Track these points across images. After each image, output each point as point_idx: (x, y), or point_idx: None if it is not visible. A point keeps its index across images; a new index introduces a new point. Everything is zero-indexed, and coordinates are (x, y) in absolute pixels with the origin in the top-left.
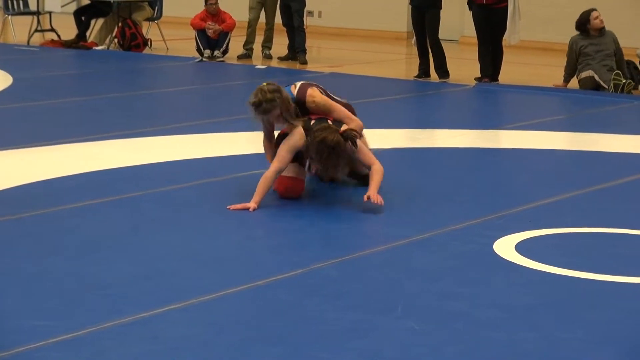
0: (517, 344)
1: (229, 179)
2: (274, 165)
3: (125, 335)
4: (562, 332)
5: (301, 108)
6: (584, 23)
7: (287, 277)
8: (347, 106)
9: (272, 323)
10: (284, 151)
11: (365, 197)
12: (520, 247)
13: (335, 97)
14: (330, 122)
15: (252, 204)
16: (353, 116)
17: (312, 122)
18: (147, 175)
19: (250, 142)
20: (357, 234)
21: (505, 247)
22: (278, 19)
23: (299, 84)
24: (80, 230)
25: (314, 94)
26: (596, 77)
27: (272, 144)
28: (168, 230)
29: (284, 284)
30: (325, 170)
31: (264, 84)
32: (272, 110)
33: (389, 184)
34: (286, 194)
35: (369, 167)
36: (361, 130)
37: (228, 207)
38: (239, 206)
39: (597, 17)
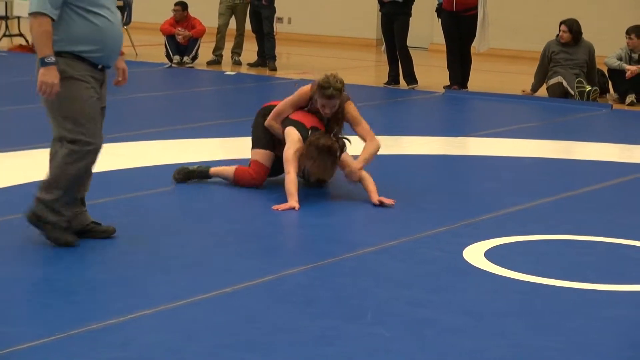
0: (487, 351)
1: (198, 185)
2: (291, 169)
3: (94, 342)
4: (531, 339)
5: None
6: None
7: (257, 284)
8: None
9: (243, 330)
10: (292, 155)
11: (377, 202)
12: (490, 254)
13: None
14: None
15: (295, 204)
16: (373, 135)
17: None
18: (115, 182)
19: (219, 148)
20: (327, 240)
21: (475, 254)
22: (248, 25)
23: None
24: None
25: (351, 105)
26: (564, 84)
27: (280, 118)
28: (136, 236)
29: (254, 291)
30: (320, 171)
31: (336, 73)
32: (334, 98)
33: (358, 190)
34: (255, 180)
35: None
36: (377, 150)
37: (273, 207)
38: (285, 206)
39: (560, 30)
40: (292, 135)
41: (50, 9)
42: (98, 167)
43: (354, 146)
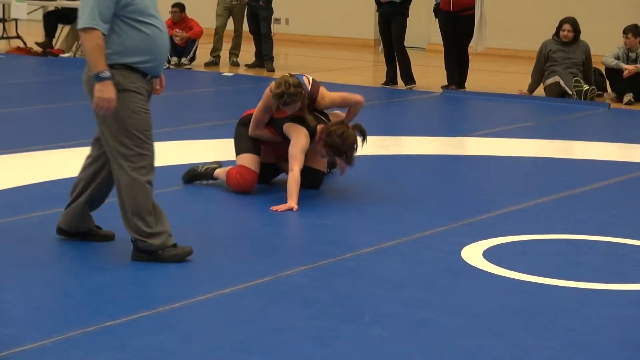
0: (485, 351)
1: (195, 187)
2: (296, 167)
3: (91, 344)
4: (529, 339)
5: (309, 102)
6: (558, 28)
7: (254, 285)
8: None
9: (240, 331)
10: (298, 152)
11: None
12: (488, 254)
13: None
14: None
15: (294, 205)
16: (354, 95)
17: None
18: None
19: (217, 150)
20: (324, 241)
21: (473, 254)
22: (246, 26)
23: (310, 78)
24: (43, 239)
25: (324, 95)
26: (562, 83)
27: (262, 124)
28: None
29: (251, 292)
30: (347, 161)
31: (288, 75)
32: (292, 104)
33: (356, 190)
34: (243, 185)
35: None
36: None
37: (272, 208)
38: (283, 207)
39: (565, 30)
40: (298, 130)
41: (100, 23)
42: None
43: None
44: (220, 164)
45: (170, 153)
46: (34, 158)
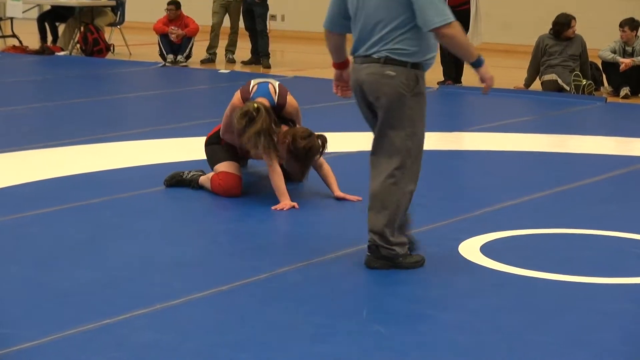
0: (483, 346)
1: None
2: (274, 163)
3: (88, 343)
4: (527, 334)
5: (276, 111)
6: (561, 26)
7: (250, 282)
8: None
9: (237, 329)
10: (271, 158)
11: (341, 197)
12: (486, 249)
13: None
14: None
15: (288, 202)
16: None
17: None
18: (108, 182)
19: None
20: (320, 238)
21: (471, 249)
22: (242, 23)
23: (277, 85)
24: (39, 238)
25: (293, 102)
26: (559, 81)
27: (231, 128)
28: (129, 237)
29: (248, 289)
30: (303, 171)
31: (254, 106)
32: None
33: (353, 187)
34: (227, 190)
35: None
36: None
37: (273, 208)
38: (280, 206)
39: (573, 26)
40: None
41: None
42: (92, 167)
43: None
44: (203, 172)
45: (166, 150)
46: (30, 157)
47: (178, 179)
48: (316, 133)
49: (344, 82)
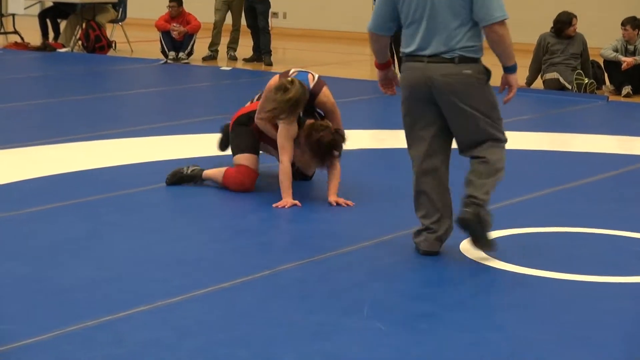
0: (484, 344)
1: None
2: (285, 157)
3: (88, 339)
4: (528, 332)
5: (309, 100)
6: (563, 24)
7: (251, 280)
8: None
9: (238, 326)
10: (285, 141)
11: (333, 202)
12: None
13: None
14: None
15: (290, 200)
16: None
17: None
18: (109, 179)
19: (214, 144)
20: (322, 235)
21: (471, 247)
22: (244, 20)
23: (316, 76)
24: (40, 235)
25: (328, 94)
26: (561, 80)
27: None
28: (130, 233)
29: (250, 286)
30: (321, 164)
31: (291, 80)
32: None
33: (354, 184)
34: (243, 184)
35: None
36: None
37: (274, 205)
38: (281, 204)
39: (574, 24)
40: (293, 125)
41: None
42: (93, 163)
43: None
44: (201, 170)
45: (167, 147)
46: (31, 153)
47: (179, 176)
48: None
49: (388, 81)
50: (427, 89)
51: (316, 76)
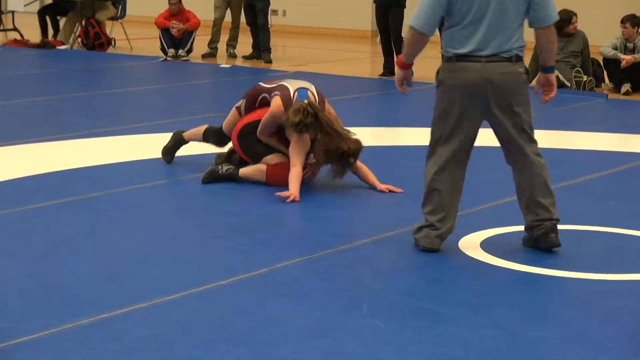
0: (483, 342)
1: (191, 179)
2: (297, 162)
3: (86, 336)
4: (527, 329)
5: None
6: (563, 22)
7: (250, 277)
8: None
9: (236, 323)
10: (299, 150)
11: (385, 189)
12: (486, 245)
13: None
14: None
15: (296, 193)
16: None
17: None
18: (108, 176)
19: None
20: (321, 232)
21: (471, 244)
22: (243, 18)
23: (315, 91)
24: (38, 232)
25: (330, 109)
26: (560, 77)
27: (268, 131)
28: (129, 230)
29: (248, 284)
30: (339, 173)
31: (307, 104)
32: (305, 132)
33: (354, 181)
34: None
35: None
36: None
37: (277, 194)
38: (286, 193)
39: (575, 22)
40: (305, 138)
41: None
42: (92, 161)
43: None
44: (237, 169)
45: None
46: (30, 150)
47: (215, 175)
48: (353, 137)
49: (407, 81)
50: (483, 89)
51: (315, 91)
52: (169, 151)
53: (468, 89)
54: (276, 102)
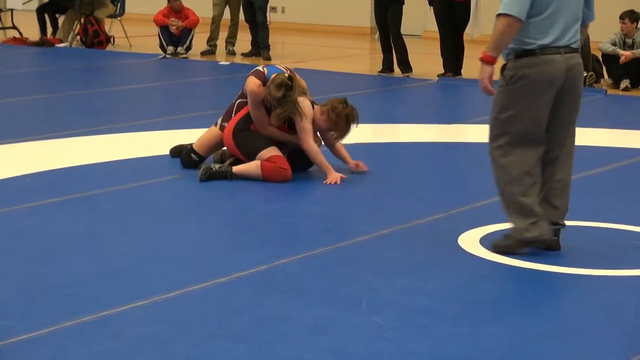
0: (482, 338)
1: (190, 176)
2: (311, 140)
3: (86, 334)
4: (527, 325)
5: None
6: None
7: (250, 274)
8: None
9: (235, 320)
10: (307, 123)
11: (353, 165)
12: (485, 241)
13: None
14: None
15: (338, 174)
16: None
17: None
18: (107, 174)
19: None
20: (320, 230)
21: (470, 240)
22: (242, 15)
23: (284, 65)
24: (38, 230)
25: (301, 80)
26: None
27: (265, 121)
28: (128, 228)
29: (247, 281)
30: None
31: (286, 76)
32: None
33: (354, 178)
34: (285, 168)
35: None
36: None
37: (326, 182)
38: (332, 179)
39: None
40: (301, 102)
41: None
42: (91, 158)
43: None
44: (230, 167)
45: (165, 142)
46: (29, 148)
47: (210, 172)
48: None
49: (492, 78)
50: (562, 80)
51: (284, 65)
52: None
53: (551, 81)
54: (251, 80)
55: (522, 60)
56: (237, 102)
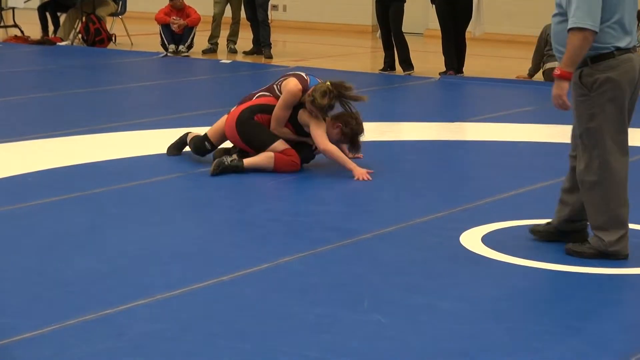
0: (483, 336)
1: (192, 175)
2: (326, 143)
3: (89, 332)
4: (528, 323)
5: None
6: None
7: (252, 272)
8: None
9: (238, 318)
10: (323, 131)
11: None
12: (487, 239)
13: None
14: None
15: (359, 168)
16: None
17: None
18: (109, 172)
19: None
20: (322, 228)
21: (472, 239)
22: (243, 13)
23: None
24: (40, 228)
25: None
26: None
27: (283, 122)
28: (131, 226)
29: (249, 279)
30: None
31: (331, 85)
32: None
33: (352, 178)
34: (296, 161)
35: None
36: None
37: (355, 178)
38: (360, 174)
39: None
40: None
41: None
42: (94, 157)
43: None
44: (241, 160)
45: (167, 141)
46: (31, 147)
47: (223, 166)
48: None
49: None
50: (637, 81)
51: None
52: (176, 147)
53: (632, 80)
54: (293, 82)
55: (602, 64)
56: (258, 93)
